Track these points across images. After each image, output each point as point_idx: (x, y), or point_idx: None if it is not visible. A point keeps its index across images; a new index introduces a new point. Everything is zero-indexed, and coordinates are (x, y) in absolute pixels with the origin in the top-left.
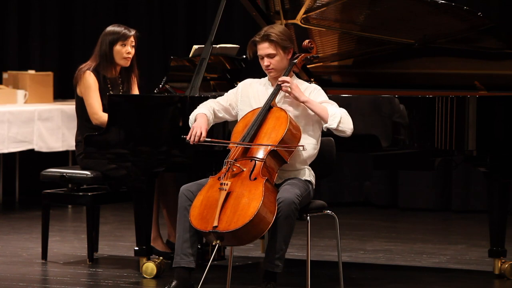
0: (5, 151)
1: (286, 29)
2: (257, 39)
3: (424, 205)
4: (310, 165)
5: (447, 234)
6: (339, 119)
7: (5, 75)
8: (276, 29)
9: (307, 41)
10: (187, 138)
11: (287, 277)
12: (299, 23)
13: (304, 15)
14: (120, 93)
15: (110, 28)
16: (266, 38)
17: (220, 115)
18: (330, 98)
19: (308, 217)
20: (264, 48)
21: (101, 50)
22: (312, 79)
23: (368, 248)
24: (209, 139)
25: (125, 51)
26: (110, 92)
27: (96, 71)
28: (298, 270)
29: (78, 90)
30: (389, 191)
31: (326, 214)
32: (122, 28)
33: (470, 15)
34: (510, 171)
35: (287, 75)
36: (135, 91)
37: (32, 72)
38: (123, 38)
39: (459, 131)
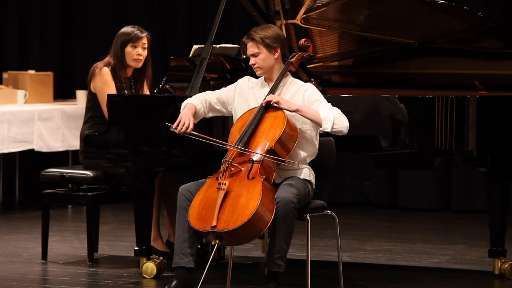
0: (5, 151)
1: (276, 29)
2: (243, 39)
3: (424, 205)
4: (310, 165)
5: (447, 234)
6: (332, 121)
7: (5, 75)
8: (262, 29)
9: (303, 40)
10: (173, 127)
11: (287, 277)
12: (299, 23)
13: (304, 15)
14: (133, 93)
15: (123, 29)
16: (249, 37)
17: (218, 107)
18: (329, 98)
19: (308, 217)
20: (249, 48)
21: (114, 51)
22: (312, 79)
23: (368, 248)
24: (196, 133)
25: (135, 53)
26: (125, 91)
27: (112, 70)
28: (298, 270)
29: (92, 86)
30: (389, 191)
31: (326, 214)
32: (135, 30)
33: (470, 15)
34: (510, 171)
35: (283, 74)
36: (145, 93)
37: (32, 72)
38: (134, 39)
39: (459, 131)
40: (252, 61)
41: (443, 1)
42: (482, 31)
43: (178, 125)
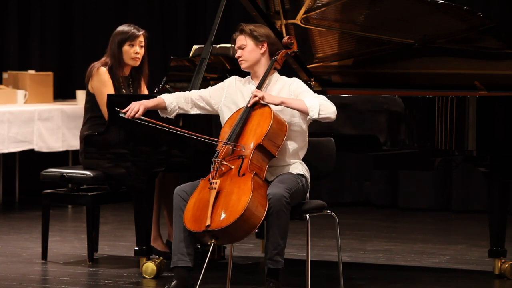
0: (5, 151)
1: (267, 29)
2: (233, 35)
3: (424, 205)
4: (308, 164)
5: (447, 234)
6: (318, 107)
7: (5, 75)
8: (253, 24)
9: (286, 37)
10: (123, 111)
11: (287, 277)
12: (299, 23)
13: (304, 15)
14: (131, 92)
15: (119, 28)
16: (238, 30)
17: (201, 104)
18: (330, 98)
19: (308, 217)
20: (238, 41)
21: (111, 51)
22: (312, 79)
23: (368, 248)
24: (145, 118)
25: (133, 51)
26: (123, 90)
27: (109, 69)
28: (298, 270)
29: (90, 86)
30: (389, 191)
31: (326, 214)
32: (131, 28)
33: (470, 15)
34: (510, 171)
35: (268, 72)
36: (144, 92)
37: (32, 72)
38: (131, 38)
39: (459, 131)
40: (238, 53)
41: (443, 1)
42: (482, 31)
43: (128, 110)
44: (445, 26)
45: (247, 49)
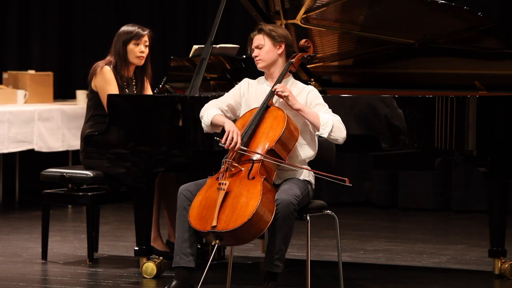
0: (5, 151)
1: (285, 29)
2: (251, 34)
3: (424, 205)
4: (310, 165)
5: (447, 234)
6: (331, 128)
7: (5, 75)
8: (271, 24)
9: (303, 40)
10: (222, 142)
11: (287, 277)
12: (299, 23)
13: (304, 15)
14: (134, 92)
15: (124, 28)
16: (257, 29)
17: (228, 115)
18: (329, 98)
19: (308, 217)
20: (255, 40)
21: (115, 50)
22: (312, 79)
23: (368, 248)
24: (244, 148)
25: (138, 50)
26: (126, 90)
27: (114, 69)
28: (298, 270)
29: (93, 85)
30: (389, 191)
31: (326, 214)
32: (136, 28)
33: (470, 15)
34: (510, 171)
35: (284, 74)
36: (148, 92)
37: (32, 72)
38: (136, 37)
39: (459, 131)
40: (255, 53)
41: (443, 1)
42: (482, 31)
43: (226, 139)
44: (445, 26)
45: (265, 49)
